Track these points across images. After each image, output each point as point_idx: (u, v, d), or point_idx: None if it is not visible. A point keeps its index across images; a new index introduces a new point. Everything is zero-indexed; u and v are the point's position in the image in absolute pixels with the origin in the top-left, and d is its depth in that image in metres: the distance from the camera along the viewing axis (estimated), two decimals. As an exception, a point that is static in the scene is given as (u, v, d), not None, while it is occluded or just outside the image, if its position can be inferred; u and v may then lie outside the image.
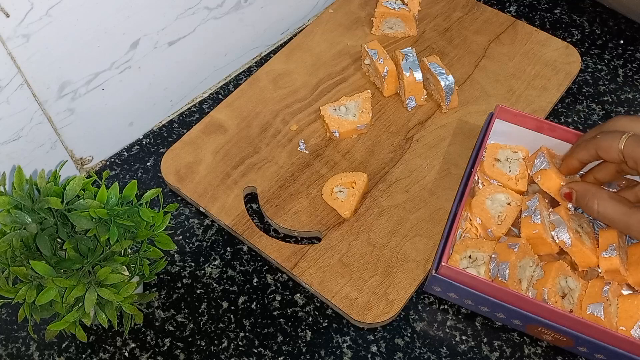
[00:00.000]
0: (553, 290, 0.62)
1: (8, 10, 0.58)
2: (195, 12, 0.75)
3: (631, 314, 0.61)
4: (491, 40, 0.87)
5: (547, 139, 0.72)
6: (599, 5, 0.94)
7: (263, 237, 0.70)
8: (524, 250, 0.64)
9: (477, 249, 0.66)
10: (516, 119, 0.72)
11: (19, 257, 0.55)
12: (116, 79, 0.72)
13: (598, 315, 0.60)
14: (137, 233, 0.58)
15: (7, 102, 0.63)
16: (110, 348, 0.65)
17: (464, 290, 0.62)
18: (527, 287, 0.64)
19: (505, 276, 0.61)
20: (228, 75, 0.87)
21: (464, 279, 0.62)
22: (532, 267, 0.65)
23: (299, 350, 0.65)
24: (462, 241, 0.67)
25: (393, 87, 0.81)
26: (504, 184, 0.71)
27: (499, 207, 0.69)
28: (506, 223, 0.68)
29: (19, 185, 0.55)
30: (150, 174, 0.77)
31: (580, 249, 0.64)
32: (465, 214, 0.69)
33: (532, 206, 0.67)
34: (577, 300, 0.63)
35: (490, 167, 0.71)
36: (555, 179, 0.68)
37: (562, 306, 0.62)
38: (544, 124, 0.71)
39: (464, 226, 0.69)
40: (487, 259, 0.65)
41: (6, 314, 0.67)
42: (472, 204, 0.69)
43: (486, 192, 0.70)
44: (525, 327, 0.63)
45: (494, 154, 0.72)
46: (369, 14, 0.90)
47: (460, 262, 0.65)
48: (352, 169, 0.76)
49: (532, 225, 0.65)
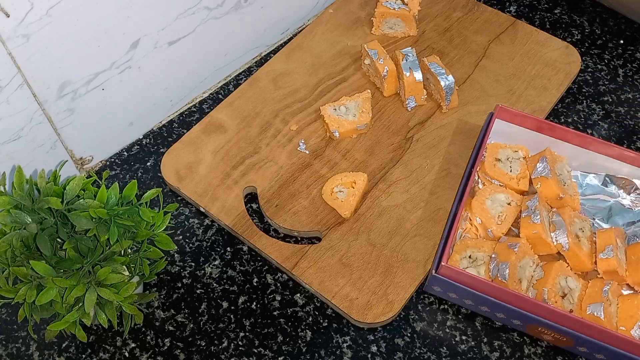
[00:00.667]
0: (553, 290, 0.63)
1: (8, 10, 0.58)
2: (195, 12, 0.75)
3: (631, 313, 0.61)
4: (491, 40, 0.87)
5: (547, 138, 0.72)
6: (599, 5, 0.94)
7: (263, 237, 0.70)
8: (524, 250, 0.64)
9: (477, 248, 0.66)
10: (516, 119, 0.72)
11: (19, 257, 0.55)
12: (116, 79, 0.72)
13: (598, 315, 0.60)
14: (137, 233, 0.58)
15: (7, 102, 0.63)
16: (110, 348, 0.65)
17: (464, 290, 0.62)
18: (527, 287, 0.64)
19: (505, 276, 0.61)
20: (228, 75, 0.87)
21: (464, 279, 0.62)
22: (532, 267, 0.65)
23: (299, 350, 0.65)
24: (462, 241, 0.67)
25: (393, 87, 0.81)
26: (505, 183, 0.71)
27: (499, 207, 0.69)
28: (506, 223, 0.68)
29: (19, 185, 0.55)
30: (150, 174, 0.77)
31: (575, 254, 0.64)
32: (465, 214, 0.69)
33: (532, 206, 0.67)
34: (577, 300, 0.63)
35: (492, 167, 0.71)
36: (555, 189, 0.68)
37: (562, 306, 0.62)
38: (543, 124, 0.71)
39: (464, 226, 0.69)
40: (487, 259, 0.65)
41: (6, 314, 0.67)
42: (472, 204, 0.69)
43: (486, 192, 0.70)
44: (525, 327, 0.63)
45: (495, 154, 0.72)
46: (369, 14, 0.90)
47: (460, 262, 0.65)
48: (352, 169, 0.76)
49: (531, 225, 0.65)
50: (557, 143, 0.72)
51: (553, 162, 0.71)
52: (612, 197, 0.72)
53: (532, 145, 0.73)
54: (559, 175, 0.70)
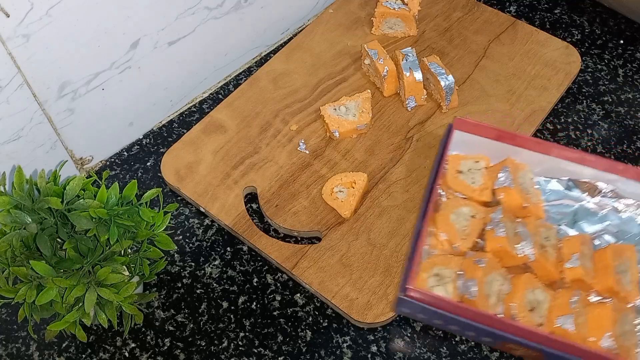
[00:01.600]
0: (521, 305, 0.61)
1: (8, 10, 0.58)
2: (195, 12, 0.75)
3: (600, 324, 0.59)
4: (491, 40, 0.87)
5: (508, 146, 0.70)
6: (599, 5, 0.94)
7: (263, 237, 0.70)
8: (491, 265, 0.63)
9: (444, 265, 0.64)
10: (475, 129, 0.70)
11: (19, 257, 0.55)
12: (116, 79, 0.72)
13: (568, 327, 0.59)
14: (137, 233, 0.58)
15: (7, 102, 0.63)
16: (110, 348, 0.65)
17: (432, 311, 0.60)
18: (496, 302, 0.62)
19: (473, 293, 0.60)
20: (228, 75, 0.87)
21: (430, 301, 0.60)
22: (499, 281, 0.63)
23: (299, 350, 0.65)
24: (429, 259, 0.65)
25: (393, 87, 0.81)
26: (467, 195, 0.69)
27: (464, 220, 0.67)
28: (471, 237, 0.66)
29: (19, 185, 0.55)
30: (150, 174, 0.77)
31: (542, 265, 0.63)
32: (431, 230, 0.67)
33: (496, 219, 0.65)
34: (547, 312, 0.61)
35: (454, 180, 0.69)
36: (518, 199, 0.67)
37: (532, 320, 0.61)
38: (503, 134, 0.69)
39: (431, 242, 0.67)
40: (455, 275, 0.63)
41: (6, 314, 0.67)
42: (436, 219, 0.67)
43: (450, 206, 0.68)
44: (496, 343, 0.62)
45: (457, 166, 0.70)
46: (369, 14, 0.90)
47: (428, 280, 0.63)
48: (352, 169, 0.76)
49: (496, 239, 0.64)
50: (519, 151, 0.70)
51: (515, 170, 0.69)
52: (577, 202, 0.70)
53: (494, 153, 0.71)
54: (521, 184, 0.69)
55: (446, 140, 0.70)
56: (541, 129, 0.81)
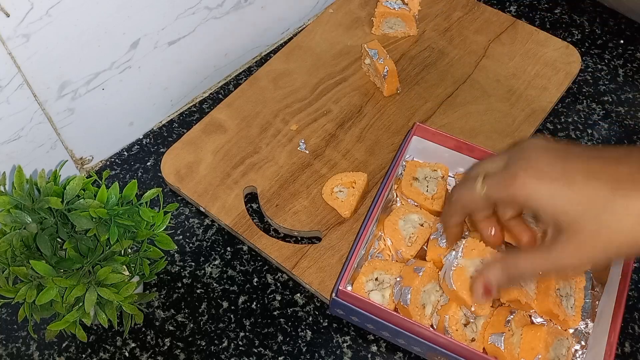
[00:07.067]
0: (455, 317, 0.59)
1: (8, 10, 0.58)
2: (196, 12, 0.75)
3: (532, 345, 0.58)
4: (491, 40, 0.87)
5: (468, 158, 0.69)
6: (599, 5, 0.94)
7: (263, 237, 0.70)
8: (430, 275, 0.61)
9: (384, 270, 0.63)
10: (435, 137, 0.70)
11: (19, 257, 0.55)
12: (116, 78, 0.72)
13: (498, 346, 0.58)
14: (137, 233, 0.58)
15: (7, 102, 0.63)
16: (110, 348, 0.65)
17: (364, 315, 0.60)
18: (432, 312, 0.61)
19: (406, 301, 0.59)
20: (228, 75, 0.87)
21: (362, 305, 0.59)
22: (438, 292, 0.61)
23: (299, 350, 0.65)
24: (370, 262, 0.64)
25: (393, 87, 0.81)
26: (420, 203, 0.68)
27: (412, 227, 0.66)
28: (416, 245, 0.65)
29: (19, 185, 0.55)
30: (150, 174, 0.78)
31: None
32: (379, 234, 0.67)
33: (441, 229, 0.63)
34: (482, 328, 0.60)
35: (407, 186, 0.69)
36: None
37: (464, 335, 0.59)
38: (462, 144, 0.69)
39: (378, 246, 0.66)
40: (394, 281, 0.62)
41: (6, 313, 0.67)
42: (385, 223, 0.66)
43: (400, 211, 0.67)
44: (426, 354, 0.61)
45: (413, 173, 0.70)
46: (369, 14, 0.90)
47: (366, 284, 0.62)
48: (352, 169, 0.76)
49: (437, 248, 0.62)
50: None
51: None
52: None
53: (453, 164, 0.70)
54: None
55: (403, 146, 0.69)
56: (541, 129, 0.81)
